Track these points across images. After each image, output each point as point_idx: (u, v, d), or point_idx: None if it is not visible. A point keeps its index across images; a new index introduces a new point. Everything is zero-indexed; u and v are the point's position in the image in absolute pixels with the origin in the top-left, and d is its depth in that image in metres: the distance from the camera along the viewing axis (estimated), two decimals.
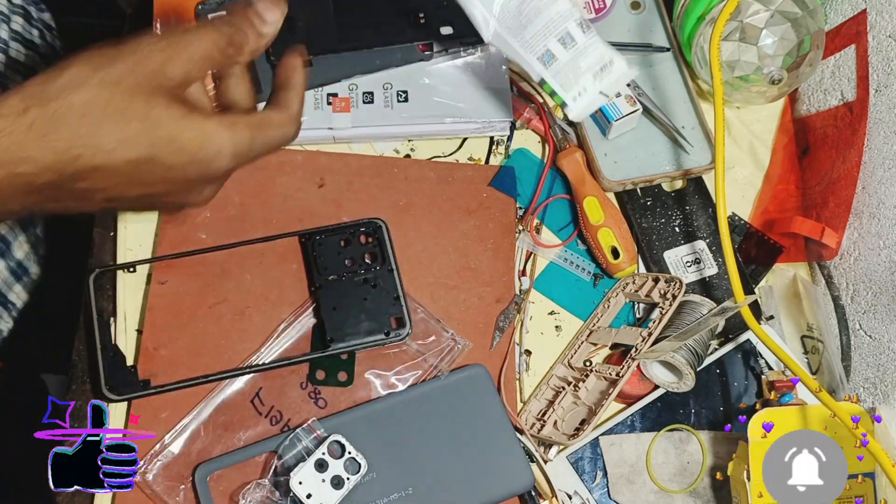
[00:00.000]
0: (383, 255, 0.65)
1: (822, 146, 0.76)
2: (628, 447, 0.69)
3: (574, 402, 0.68)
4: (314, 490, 0.59)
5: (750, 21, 0.72)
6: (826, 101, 0.76)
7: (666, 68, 0.78)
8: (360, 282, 0.65)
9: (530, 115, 0.76)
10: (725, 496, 0.67)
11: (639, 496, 0.68)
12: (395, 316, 0.64)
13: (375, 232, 0.66)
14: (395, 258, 0.65)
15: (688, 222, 0.74)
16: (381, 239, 0.66)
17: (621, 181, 0.73)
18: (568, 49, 0.61)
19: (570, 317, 0.73)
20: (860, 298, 0.70)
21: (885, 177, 0.68)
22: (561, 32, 0.61)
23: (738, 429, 0.69)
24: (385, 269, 0.65)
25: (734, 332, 0.72)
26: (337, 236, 0.66)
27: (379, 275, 0.65)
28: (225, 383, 0.66)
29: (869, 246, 0.69)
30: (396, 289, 0.65)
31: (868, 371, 0.69)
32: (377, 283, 0.64)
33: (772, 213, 0.77)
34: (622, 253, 0.72)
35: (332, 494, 0.59)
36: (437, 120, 0.72)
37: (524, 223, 0.74)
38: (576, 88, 0.61)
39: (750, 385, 0.71)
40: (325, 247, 0.66)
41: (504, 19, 0.62)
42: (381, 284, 0.64)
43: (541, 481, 0.67)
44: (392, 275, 0.65)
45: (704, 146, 0.75)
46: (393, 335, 0.64)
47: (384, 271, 0.65)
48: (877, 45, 0.70)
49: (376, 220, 0.66)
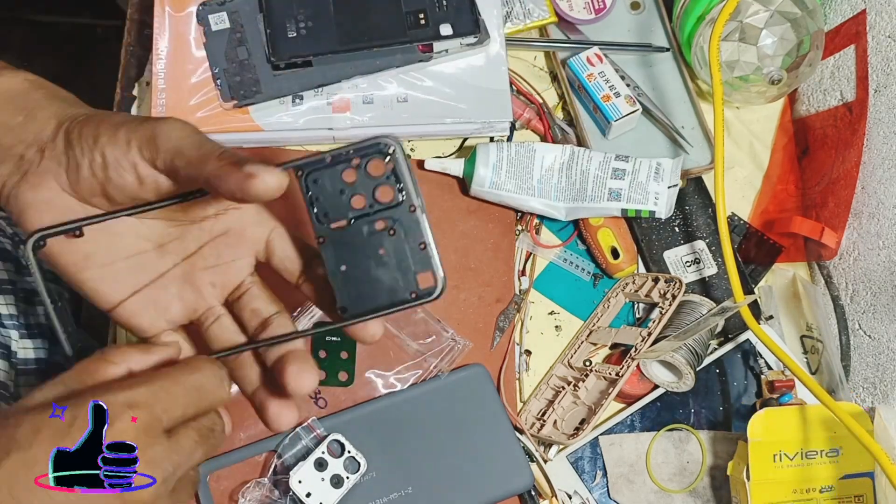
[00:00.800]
0: (401, 188, 0.46)
1: (821, 146, 0.77)
2: (628, 447, 0.69)
3: (574, 402, 0.69)
4: (314, 489, 0.58)
5: (749, 21, 0.72)
6: (825, 102, 0.76)
7: (665, 68, 0.78)
8: (374, 228, 0.47)
9: (530, 115, 0.76)
10: (725, 496, 0.67)
11: (638, 496, 0.68)
12: (423, 270, 0.47)
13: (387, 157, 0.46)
14: (417, 191, 0.46)
15: (687, 222, 0.74)
16: (397, 167, 0.46)
17: None
18: (624, 179, 0.70)
19: (569, 317, 0.73)
20: (859, 298, 0.70)
21: (885, 177, 0.68)
22: (610, 173, 0.70)
23: (737, 428, 0.69)
24: (405, 209, 0.46)
25: (734, 331, 0.72)
26: (337, 167, 0.46)
27: (397, 216, 0.46)
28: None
29: (868, 246, 0.69)
30: (422, 233, 0.46)
31: (867, 371, 0.69)
32: (396, 227, 0.47)
33: (771, 213, 0.77)
34: (622, 253, 0.72)
35: (332, 493, 0.59)
36: (437, 120, 0.72)
37: (524, 223, 0.74)
38: (651, 198, 0.70)
39: (749, 385, 0.71)
40: (324, 184, 0.47)
41: (563, 196, 0.71)
42: (402, 229, 0.47)
43: (541, 481, 0.67)
44: (415, 215, 0.46)
45: (704, 146, 0.75)
46: (423, 294, 0.46)
47: (404, 211, 0.46)
48: (876, 45, 0.70)
49: (385, 138, 0.45)
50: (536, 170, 0.71)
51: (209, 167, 0.41)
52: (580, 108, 0.75)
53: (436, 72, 0.73)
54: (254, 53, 0.69)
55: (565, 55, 0.76)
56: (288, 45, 0.68)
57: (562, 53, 0.77)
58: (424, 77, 0.73)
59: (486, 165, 0.70)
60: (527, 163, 0.71)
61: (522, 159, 0.71)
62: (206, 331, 0.48)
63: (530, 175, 0.71)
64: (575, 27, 0.78)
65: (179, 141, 0.42)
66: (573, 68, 0.74)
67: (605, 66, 0.74)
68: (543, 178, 0.71)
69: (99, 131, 0.43)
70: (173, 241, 0.47)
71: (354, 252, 0.47)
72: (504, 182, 0.71)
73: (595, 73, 0.73)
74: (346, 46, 0.69)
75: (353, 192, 0.46)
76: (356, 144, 0.45)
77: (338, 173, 0.46)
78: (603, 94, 0.73)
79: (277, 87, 0.69)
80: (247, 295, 0.48)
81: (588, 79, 0.73)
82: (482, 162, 0.71)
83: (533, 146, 0.72)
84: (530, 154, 0.71)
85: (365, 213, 0.46)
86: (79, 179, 0.43)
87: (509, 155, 0.71)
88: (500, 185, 0.71)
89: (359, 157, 0.46)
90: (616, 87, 0.73)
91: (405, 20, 0.71)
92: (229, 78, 0.69)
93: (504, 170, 0.71)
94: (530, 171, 0.71)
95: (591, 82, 0.73)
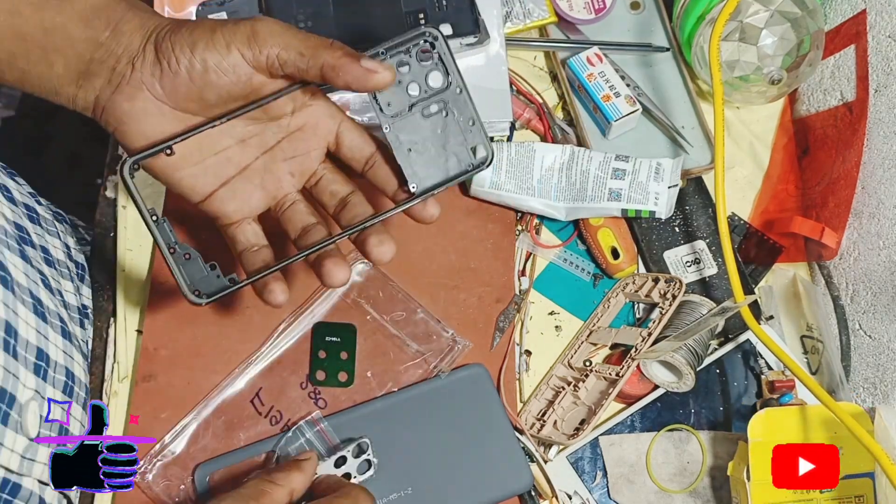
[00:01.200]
0: (448, 71, 0.52)
1: (821, 146, 0.76)
2: (628, 447, 0.69)
3: (574, 402, 0.68)
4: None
5: (750, 21, 0.72)
6: (826, 101, 0.76)
7: (666, 68, 0.78)
8: (431, 111, 0.53)
9: (530, 115, 0.76)
10: (725, 496, 0.67)
11: (639, 496, 0.68)
12: (475, 144, 0.53)
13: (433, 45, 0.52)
14: (461, 74, 0.53)
15: (687, 222, 0.74)
16: (442, 54, 0.52)
17: None
18: (624, 179, 0.70)
19: (569, 317, 0.73)
20: (860, 298, 0.70)
21: (885, 177, 0.68)
22: (610, 173, 0.70)
23: (737, 429, 0.69)
24: (454, 91, 0.52)
25: (734, 332, 0.72)
26: (394, 59, 0.51)
27: (448, 98, 0.52)
28: (225, 383, 0.66)
29: (868, 246, 0.69)
30: (470, 111, 0.53)
31: (868, 371, 0.69)
32: (449, 108, 0.53)
33: (771, 213, 0.77)
34: (622, 253, 0.72)
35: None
36: None
37: (524, 223, 0.74)
38: (651, 198, 0.70)
39: (750, 385, 0.71)
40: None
41: (563, 196, 0.71)
42: (454, 109, 0.53)
43: (541, 481, 0.67)
44: (462, 96, 0.52)
45: (704, 146, 0.75)
46: (478, 164, 0.53)
47: (453, 93, 0.52)
48: (876, 45, 0.70)
49: (428, 28, 0.51)
50: (536, 170, 0.71)
51: (325, 57, 0.46)
52: (580, 108, 0.75)
53: None
54: None
55: (565, 55, 0.76)
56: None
57: (562, 53, 0.77)
58: None
59: None
60: (527, 163, 0.71)
61: (522, 159, 0.71)
62: (281, 214, 0.52)
63: (530, 175, 0.71)
64: (575, 27, 0.78)
65: (283, 35, 0.46)
66: (573, 68, 0.74)
67: (605, 66, 0.74)
68: (543, 178, 0.71)
69: (194, 38, 0.46)
70: (254, 137, 0.51)
71: (417, 134, 0.53)
72: (504, 182, 0.71)
73: (595, 72, 0.73)
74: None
75: (408, 81, 0.52)
76: (402, 37, 0.51)
77: (394, 65, 0.51)
78: (603, 94, 0.73)
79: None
80: (323, 180, 0.53)
81: (588, 79, 0.73)
82: None
83: (533, 146, 0.72)
84: (530, 154, 0.71)
85: (421, 99, 0.52)
86: (175, 87, 0.46)
87: (509, 155, 0.71)
88: (500, 185, 0.71)
89: (409, 47, 0.51)
90: (616, 87, 0.73)
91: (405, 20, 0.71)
92: None
93: (504, 170, 0.71)
94: (530, 171, 0.71)
95: (591, 82, 0.73)
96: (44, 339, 0.57)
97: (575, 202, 0.71)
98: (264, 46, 0.46)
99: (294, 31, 0.46)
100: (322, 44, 0.46)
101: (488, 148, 0.53)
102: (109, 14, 0.48)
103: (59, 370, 0.59)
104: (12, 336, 0.53)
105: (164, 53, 0.46)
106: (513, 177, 0.71)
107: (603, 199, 0.70)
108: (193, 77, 0.46)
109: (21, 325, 0.54)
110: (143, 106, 0.47)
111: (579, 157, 0.71)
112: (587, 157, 0.71)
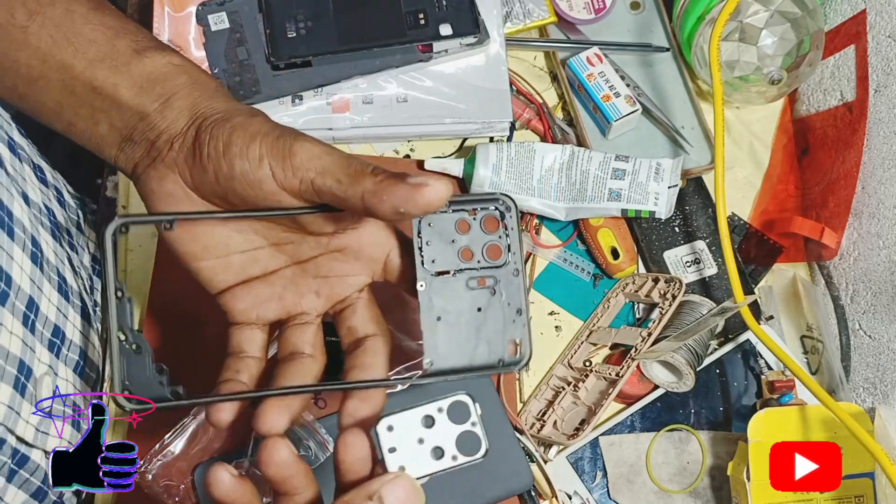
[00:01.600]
0: (511, 248, 0.46)
1: (821, 146, 0.76)
2: (628, 447, 0.69)
3: (574, 403, 0.68)
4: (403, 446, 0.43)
5: (749, 21, 0.72)
6: (826, 102, 0.76)
7: (665, 68, 0.78)
8: (477, 284, 0.46)
9: (530, 115, 0.76)
10: (725, 496, 0.67)
11: (639, 496, 0.68)
12: (514, 337, 0.46)
13: (504, 216, 0.46)
14: (523, 255, 0.47)
15: (687, 222, 0.74)
16: (512, 226, 0.46)
17: None
18: (624, 179, 0.70)
19: (569, 317, 0.73)
20: (860, 298, 0.70)
21: (885, 177, 0.68)
22: (610, 173, 0.70)
23: (737, 429, 0.69)
24: (510, 270, 0.46)
25: (734, 332, 0.72)
26: (455, 215, 0.45)
27: (501, 277, 0.46)
28: None
29: (868, 246, 0.69)
30: (520, 299, 0.46)
31: (868, 371, 0.69)
32: (498, 288, 0.46)
33: (771, 213, 0.77)
34: (622, 253, 0.72)
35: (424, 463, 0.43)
36: (437, 120, 0.72)
37: (524, 223, 0.74)
38: (651, 198, 0.70)
39: (750, 385, 0.71)
40: (438, 229, 0.46)
41: (563, 196, 0.71)
42: (503, 290, 0.46)
43: (541, 481, 0.67)
44: (518, 279, 0.46)
45: (704, 146, 0.75)
46: (509, 364, 0.45)
47: (508, 273, 0.45)
48: (876, 45, 0.70)
49: (506, 197, 0.45)
50: (536, 170, 0.71)
51: (366, 184, 0.40)
52: (580, 108, 0.75)
53: (435, 72, 0.73)
54: (253, 53, 0.69)
55: (565, 55, 0.76)
56: (287, 46, 0.68)
57: (562, 53, 0.77)
58: (424, 77, 0.73)
59: (486, 165, 0.70)
60: (527, 163, 0.71)
61: (522, 159, 0.71)
62: (285, 329, 0.48)
63: (530, 175, 0.71)
64: (575, 27, 0.78)
65: (321, 159, 0.41)
66: (573, 68, 0.74)
67: (604, 66, 0.74)
68: (543, 178, 0.71)
69: (231, 139, 0.42)
70: (289, 245, 0.47)
71: (453, 303, 0.45)
72: (504, 182, 0.71)
73: (595, 73, 0.73)
74: (346, 46, 0.69)
75: (463, 244, 0.46)
76: (476, 196, 0.46)
77: (453, 222, 0.45)
78: (603, 94, 0.73)
79: (277, 88, 0.69)
80: (348, 310, 0.47)
81: (588, 79, 0.73)
82: (482, 162, 0.70)
83: (533, 146, 0.72)
84: (530, 154, 0.71)
85: (471, 267, 0.45)
86: (203, 181, 0.44)
87: (509, 155, 0.71)
88: (500, 186, 0.71)
89: (476, 209, 0.45)
90: (616, 87, 0.73)
91: (405, 20, 0.71)
92: (229, 78, 0.69)
93: (504, 170, 0.71)
94: (530, 171, 0.71)
95: (591, 82, 0.73)
96: (63, 317, 0.57)
97: (575, 202, 0.71)
98: (299, 170, 0.41)
99: (334, 156, 0.42)
100: (362, 170, 0.41)
101: (528, 347, 0.45)
102: (166, 86, 0.46)
103: (74, 349, 0.59)
104: (33, 311, 0.52)
105: (200, 144, 0.43)
106: (513, 177, 0.71)
107: (603, 200, 0.70)
108: (220, 178, 0.43)
109: (43, 302, 0.54)
110: (171, 189, 0.44)
111: (579, 157, 0.71)
112: (587, 158, 0.71)
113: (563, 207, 0.71)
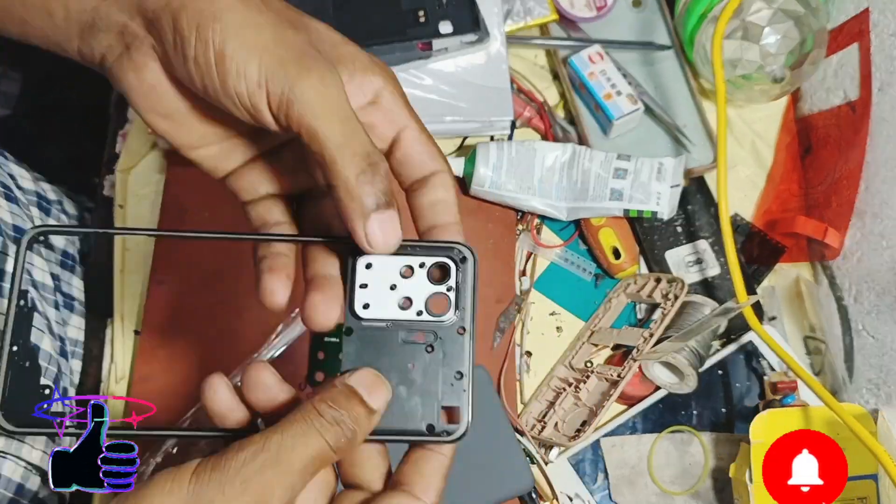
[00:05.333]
0: (459, 304, 0.40)
1: (824, 145, 0.76)
2: (629, 449, 0.68)
3: (575, 404, 0.68)
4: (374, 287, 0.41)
5: (752, 19, 0.71)
6: (829, 100, 0.76)
7: (667, 66, 0.77)
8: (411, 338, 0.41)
9: (531, 113, 0.75)
10: (727, 498, 0.67)
11: (640, 498, 0.68)
12: (450, 404, 0.40)
13: (458, 267, 0.41)
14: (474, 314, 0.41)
15: (690, 222, 0.74)
16: (464, 279, 0.41)
17: None
18: (626, 179, 0.70)
19: (570, 317, 0.73)
20: (863, 299, 0.70)
21: (889, 176, 0.67)
22: (611, 172, 0.70)
23: (739, 430, 0.69)
24: (453, 328, 0.40)
25: (736, 332, 0.72)
26: (402, 259, 0.40)
27: (444, 334, 0.40)
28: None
29: (872, 246, 0.69)
30: (463, 361, 0.40)
31: (871, 372, 0.69)
32: (436, 345, 0.41)
33: (774, 212, 0.76)
34: (623, 253, 0.71)
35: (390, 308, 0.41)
36: (437, 119, 0.72)
37: (524, 223, 0.73)
38: (653, 198, 0.69)
39: (752, 386, 0.70)
40: (377, 272, 0.41)
41: (564, 196, 0.71)
42: (443, 349, 0.40)
43: (542, 483, 0.66)
44: (462, 338, 0.40)
45: (706, 145, 0.74)
46: (441, 433, 0.40)
47: (451, 330, 0.40)
48: (880, 43, 0.69)
49: (465, 246, 0.40)
50: (537, 169, 0.70)
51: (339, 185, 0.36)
52: (581, 107, 0.75)
53: (435, 70, 0.72)
54: None
55: (566, 53, 0.76)
56: None
57: (563, 51, 0.76)
58: (424, 75, 0.72)
59: (487, 165, 0.70)
60: (527, 162, 0.71)
61: (523, 158, 0.71)
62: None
63: (531, 174, 0.70)
64: (576, 25, 0.77)
65: (319, 119, 0.36)
66: (574, 66, 0.73)
67: (606, 65, 0.73)
68: (544, 177, 0.71)
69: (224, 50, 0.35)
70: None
71: (379, 357, 0.40)
72: (504, 181, 0.70)
73: (596, 71, 0.73)
74: None
75: (404, 292, 0.40)
76: (430, 242, 0.41)
77: (396, 266, 0.40)
78: (604, 92, 0.72)
79: None
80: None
81: (589, 77, 0.73)
82: (482, 161, 0.70)
83: (534, 145, 0.71)
84: (531, 153, 0.71)
85: (409, 319, 0.40)
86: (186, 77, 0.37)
87: (510, 154, 0.70)
88: (500, 185, 0.70)
89: (426, 256, 0.41)
90: (618, 85, 0.72)
91: (404, 18, 0.70)
92: None
93: (504, 169, 0.70)
94: (531, 170, 0.70)
95: (593, 80, 0.73)
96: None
97: (576, 202, 0.70)
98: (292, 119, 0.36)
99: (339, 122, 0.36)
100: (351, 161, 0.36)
101: (465, 419, 0.39)
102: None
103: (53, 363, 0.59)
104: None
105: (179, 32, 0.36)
106: (513, 176, 0.70)
107: (604, 199, 0.69)
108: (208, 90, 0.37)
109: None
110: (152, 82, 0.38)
111: (580, 156, 0.71)
112: (588, 157, 0.70)
113: (564, 207, 0.71)
